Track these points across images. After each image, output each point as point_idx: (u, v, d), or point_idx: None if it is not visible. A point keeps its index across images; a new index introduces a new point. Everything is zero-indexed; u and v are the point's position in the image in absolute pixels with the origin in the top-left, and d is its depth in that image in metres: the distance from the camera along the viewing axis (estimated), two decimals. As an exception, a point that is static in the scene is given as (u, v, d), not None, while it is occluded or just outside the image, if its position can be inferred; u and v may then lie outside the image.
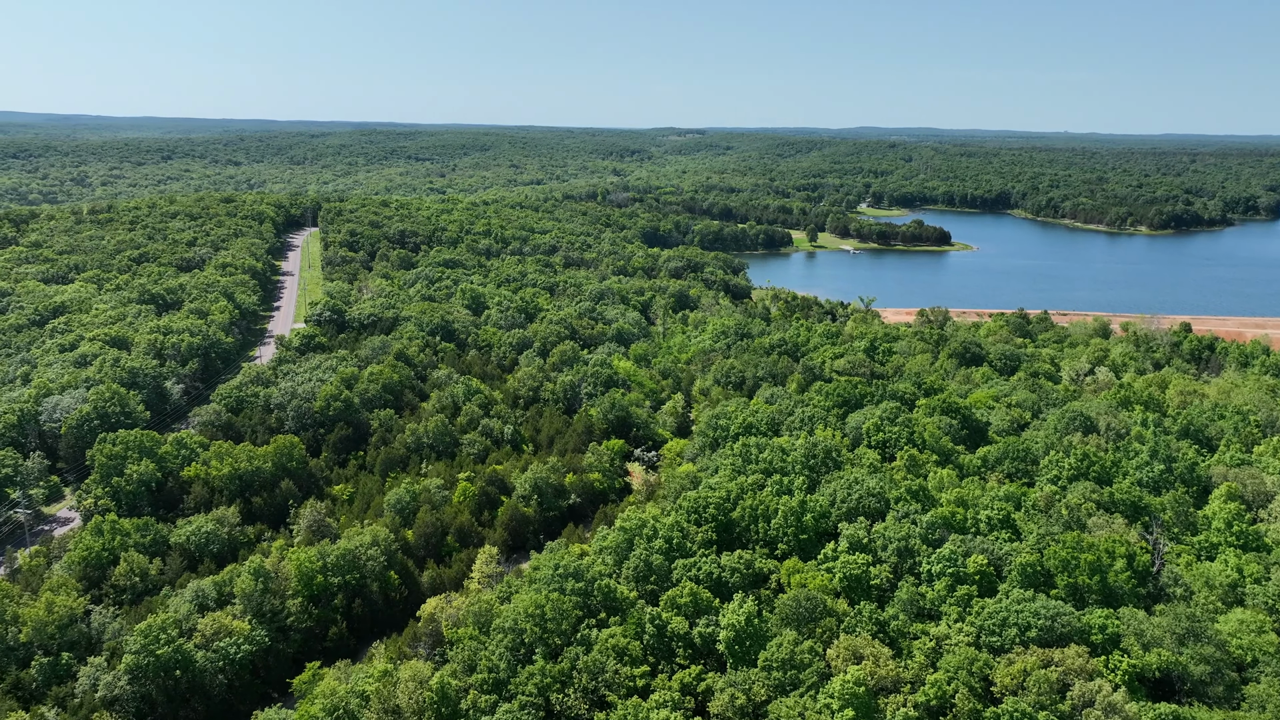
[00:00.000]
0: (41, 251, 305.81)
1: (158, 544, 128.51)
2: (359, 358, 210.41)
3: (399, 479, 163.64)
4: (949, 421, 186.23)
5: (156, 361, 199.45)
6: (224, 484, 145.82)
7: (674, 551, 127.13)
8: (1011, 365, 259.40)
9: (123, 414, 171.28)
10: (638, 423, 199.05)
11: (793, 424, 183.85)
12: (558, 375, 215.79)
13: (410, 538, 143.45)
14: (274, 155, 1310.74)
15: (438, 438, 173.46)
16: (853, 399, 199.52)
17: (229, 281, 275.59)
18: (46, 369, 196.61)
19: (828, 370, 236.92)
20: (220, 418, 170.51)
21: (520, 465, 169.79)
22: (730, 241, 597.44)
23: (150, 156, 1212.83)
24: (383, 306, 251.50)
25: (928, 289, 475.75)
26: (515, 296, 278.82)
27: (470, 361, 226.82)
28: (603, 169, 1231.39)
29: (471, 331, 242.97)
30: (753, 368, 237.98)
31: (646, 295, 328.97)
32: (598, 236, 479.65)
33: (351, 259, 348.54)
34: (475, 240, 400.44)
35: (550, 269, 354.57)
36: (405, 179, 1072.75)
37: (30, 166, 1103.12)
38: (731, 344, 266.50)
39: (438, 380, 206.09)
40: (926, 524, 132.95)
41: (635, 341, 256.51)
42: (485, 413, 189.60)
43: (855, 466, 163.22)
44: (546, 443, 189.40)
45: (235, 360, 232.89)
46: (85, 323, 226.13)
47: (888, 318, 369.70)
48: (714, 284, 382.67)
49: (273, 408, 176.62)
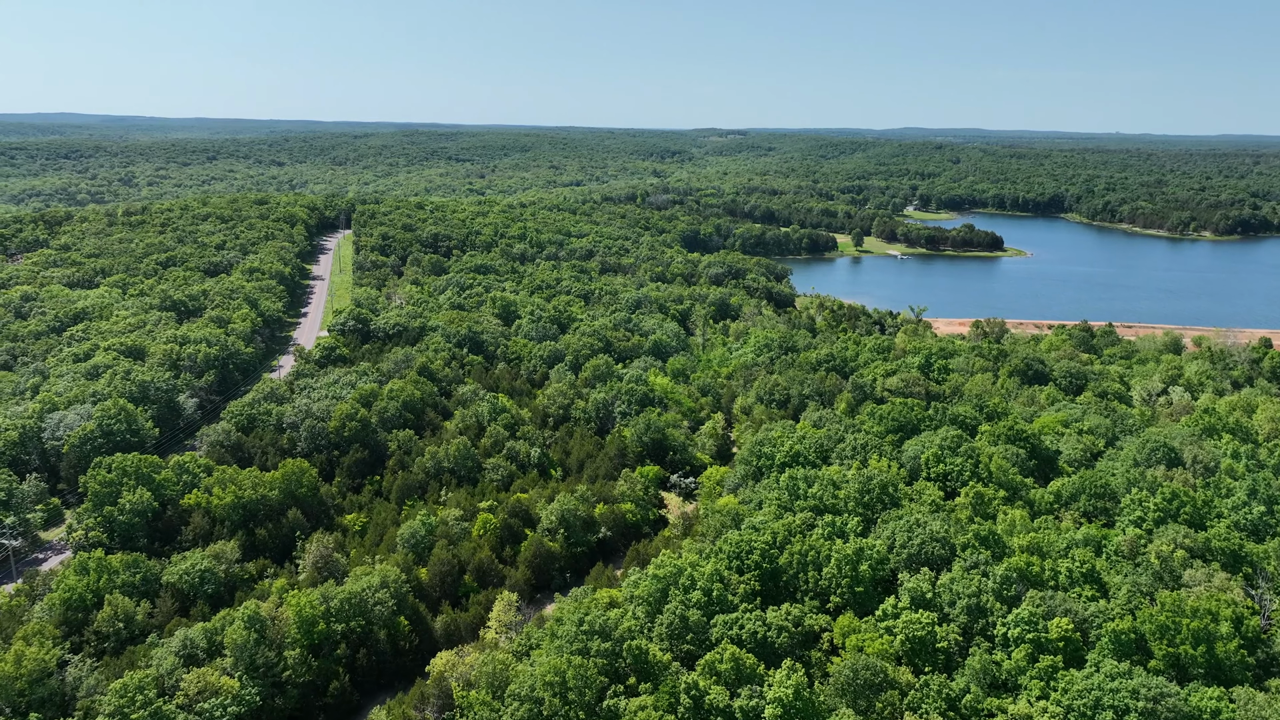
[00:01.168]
0: (70, 255, 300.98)
1: (148, 583, 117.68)
2: (381, 371, 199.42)
3: (416, 508, 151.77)
4: (1016, 451, 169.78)
5: (171, 374, 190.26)
6: (226, 514, 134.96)
7: (713, 605, 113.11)
8: (1077, 384, 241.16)
9: (129, 432, 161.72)
10: (674, 446, 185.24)
11: (843, 452, 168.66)
12: (589, 392, 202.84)
13: (424, 577, 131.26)
14: (316, 156, 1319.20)
15: (459, 462, 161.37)
16: (909, 423, 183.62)
17: (254, 287, 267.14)
18: (57, 380, 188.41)
19: (879, 389, 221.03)
20: (229, 438, 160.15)
21: (547, 494, 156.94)
22: (772, 246, 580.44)
23: (196, 157, 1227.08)
24: (409, 316, 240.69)
25: (980, 298, 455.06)
26: (548, 305, 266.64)
27: (498, 376, 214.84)
28: (643, 170, 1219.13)
29: (501, 343, 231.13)
30: (798, 385, 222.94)
31: (685, 304, 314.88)
32: (636, 240, 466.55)
33: (383, 263, 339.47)
34: (509, 244, 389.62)
35: (586, 275, 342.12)
36: (445, 180, 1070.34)
37: (81, 167, 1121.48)
38: (775, 358, 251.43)
39: (462, 397, 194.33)
40: (1000, 577, 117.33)
41: (673, 355, 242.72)
42: (511, 434, 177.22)
43: (914, 503, 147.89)
44: (576, 467, 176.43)
45: (256, 371, 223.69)
46: (103, 330, 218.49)
47: (939, 329, 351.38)
48: (756, 291, 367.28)
49: (285, 427, 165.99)
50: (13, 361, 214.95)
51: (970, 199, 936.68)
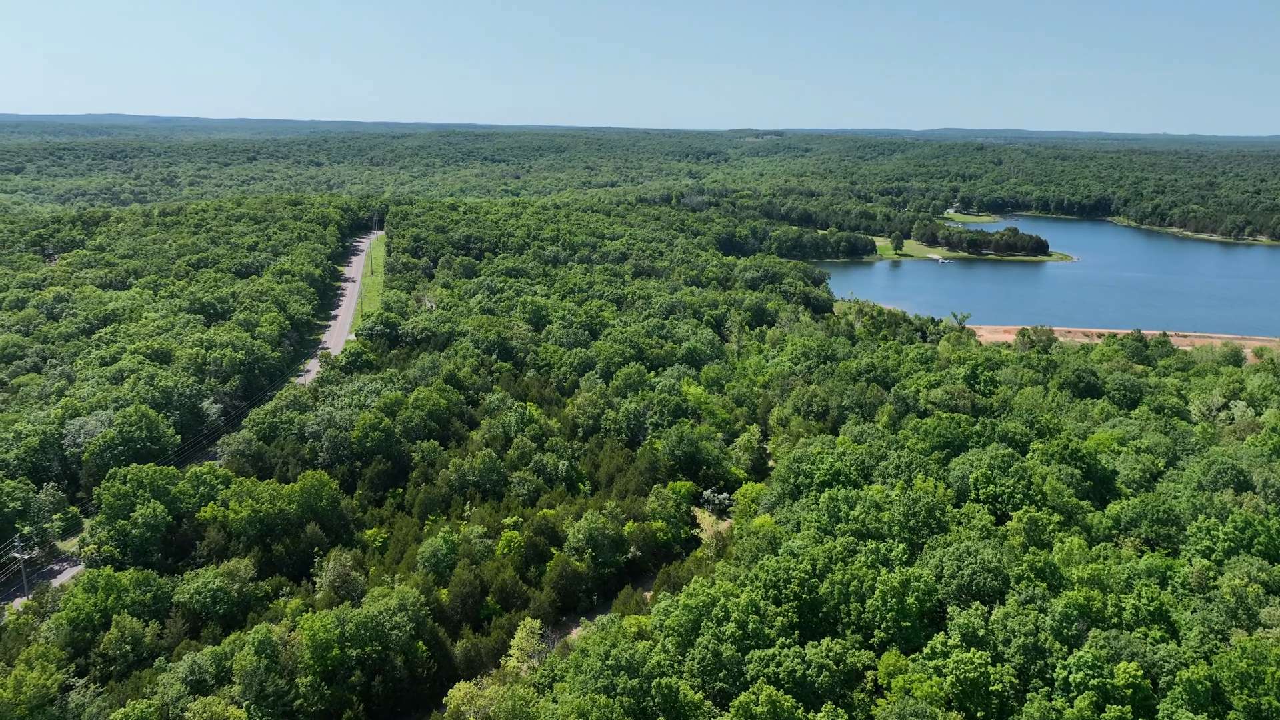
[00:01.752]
0: (104, 255, 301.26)
1: (159, 601, 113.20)
2: (407, 379, 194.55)
3: (438, 523, 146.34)
4: (1070, 471, 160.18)
5: (195, 379, 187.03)
6: (242, 528, 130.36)
7: (749, 639, 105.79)
8: (1132, 397, 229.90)
9: (150, 439, 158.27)
10: (708, 459, 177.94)
11: (886, 470, 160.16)
12: (620, 402, 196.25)
13: (444, 598, 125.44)
14: (354, 156, 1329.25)
15: (484, 475, 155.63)
16: (955, 440, 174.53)
17: (283, 289, 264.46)
18: (83, 384, 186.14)
19: (922, 401, 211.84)
20: (250, 447, 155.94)
21: (574, 510, 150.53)
22: (810, 249, 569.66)
23: (236, 157, 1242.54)
24: (438, 320, 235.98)
25: (1025, 304, 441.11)
26: (579, 310, 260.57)
27: (527, 383, 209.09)
28: (678, 170, 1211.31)
29: (531, 349, 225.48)
30: (837, 396, 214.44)
31: (720, 309, 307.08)
32: (670, 243, 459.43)
33: (414, 265, 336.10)
34: (542, 247, 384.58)
35: (619, 279, 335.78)
36: (480, 180, 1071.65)
37: (125, 167, 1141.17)
38: (813, 367, 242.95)
39: (490, 406, 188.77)
40: (1060, 615, 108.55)
41: (707, 363, 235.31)
42: (539, 446, 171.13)
43: (963, 527, 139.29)
44: (606, 481, 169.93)
45: (283, 376, 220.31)
46: (130, 333, 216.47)
47: (984, 336, 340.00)
48: (793, 296, 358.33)
49: (307, 436, 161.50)
50: (42, 364, 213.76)
51: (1013, 201, 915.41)
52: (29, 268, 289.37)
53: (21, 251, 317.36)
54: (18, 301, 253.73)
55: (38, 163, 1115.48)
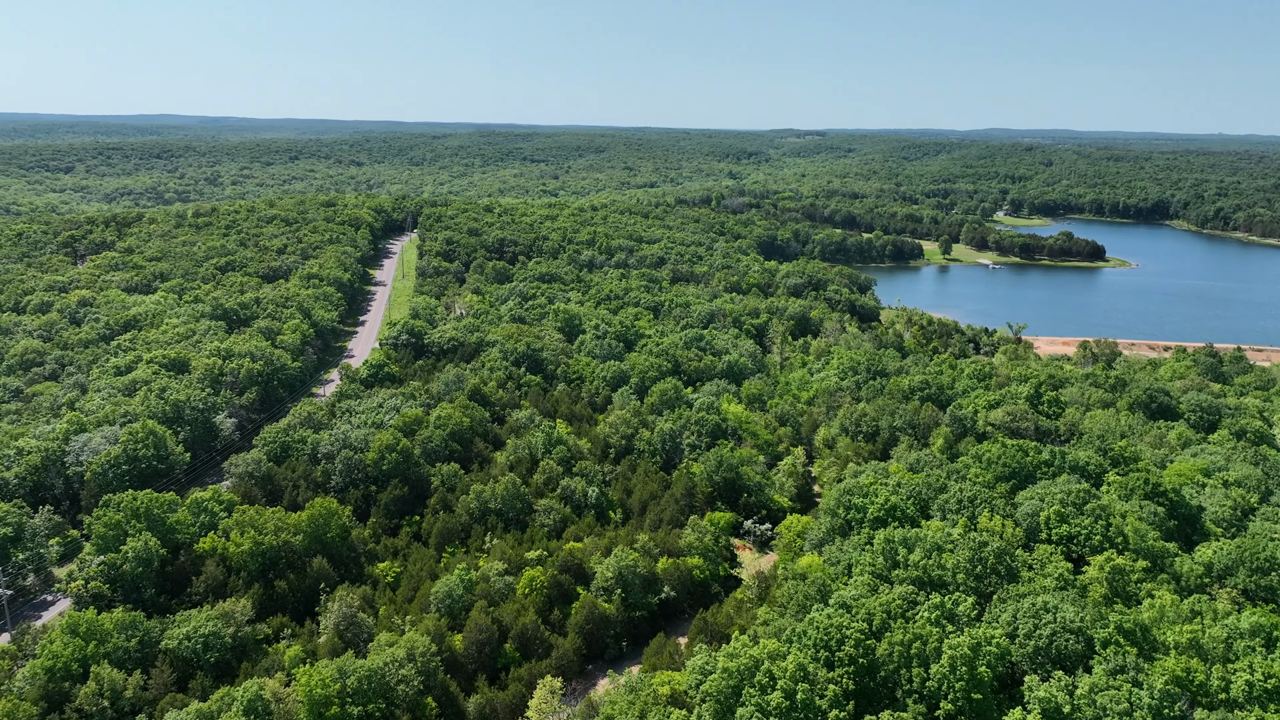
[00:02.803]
0: (132, 258, 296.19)
1: (145, 648, 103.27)
2: (430, 394, 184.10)
3: (456, 556, 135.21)
4: (1153, 509, 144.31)
5: (209, 391, 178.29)
6: (243, 562, 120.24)
7: (797, 712, 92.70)
8: (1209, 420, 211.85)
9: (156, 458, 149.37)
10: (749, 486, 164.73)
11: (947, 505, 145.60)
12: (656, 420, 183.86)
13: (458, 645, 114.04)
14: (395, 156, 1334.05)
15: (507, 503, 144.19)
16: (1022, 470, 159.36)
17: (309, 295, 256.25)
18: (95, 394, 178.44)
19: (981, 423, 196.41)
20: (259, 469, 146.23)
21: (603, 544, 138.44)
22: (854, 253, 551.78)
23: (279, 157, 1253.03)
24: (466, 330, 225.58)
25: (1082, 313, 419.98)
26: (614, 319, 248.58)
27: (558, 398, 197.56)
28: (718, 171, 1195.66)
29: (562, 362, 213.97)
30: (888, 416, 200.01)
31: (762, 318, 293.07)
32: (709, 247, 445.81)
33: (445, 270, 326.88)
34: (577, 251, 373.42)
35: (656, 285, 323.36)
36: (519, 181, 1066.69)
37: (171, 166, 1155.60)
38: (862, 382, 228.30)
39: (517, 424, 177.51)
40: (1160, 693, 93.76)
41: (748, 378, 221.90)
42: (567, 470, 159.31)
43: (1036, 574, 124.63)
44: (638, 509, 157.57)
45: (304, 386, 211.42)
46: (149, 341, 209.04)
47: (1041, 349, 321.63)
48: (838, 304, 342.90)
49: (320, 457, 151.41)
50: (60, 371, 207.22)
51: (1065, 204, 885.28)
52: (57, 270, 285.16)
53: (53, 253, 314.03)
54: (42, 305, 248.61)
55: (87, 162, 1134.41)
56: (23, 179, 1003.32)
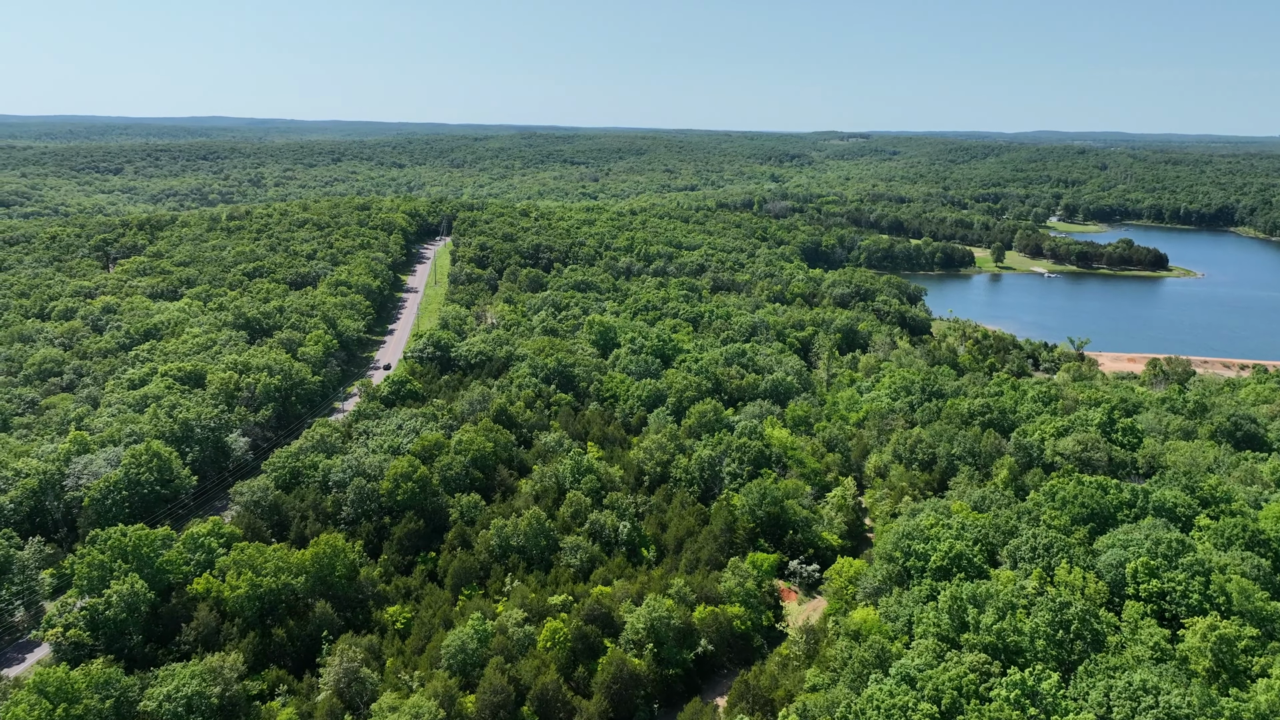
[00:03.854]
0: (160, 263, 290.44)
1: (121, 709, 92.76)
2: (453, 414, 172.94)
3: (473, 599, 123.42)
4: (1257, 562, 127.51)
5: (223, 407, 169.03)
6: (239, 607, 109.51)
7: (855, 817, 79.12)
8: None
9: (159, 482, 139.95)
10: (795, 522, 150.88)
11: (1018, 551, 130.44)
12: (694, 445, 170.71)
13: (470, 708, 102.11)
14: (436, 158, 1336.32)
15: (530, 540, 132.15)
16: (1101, 511, 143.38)
17: (336, 303, 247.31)
18: (105, 409, 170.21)
19: (1049, 452, 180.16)
20: (266, 497, 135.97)
21: (634, 589, 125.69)
22: (902, 260, 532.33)
23: (322, 158, 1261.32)
24: (494, 343, 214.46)
25: (1147, 327, 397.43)
26: (651, 332, 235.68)
27: (589, 419, 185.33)
28: (760, 174, 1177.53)
29: (595, 379, 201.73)
30: (946, 442, 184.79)
31: (807, 330, 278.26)
32: (751, 254, 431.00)
33: (478, 276, 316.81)
34: (614, 257, 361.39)
35: (695, 294, 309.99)
36: (558, 183, 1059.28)
37: (216, 168, 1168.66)
38: (915, 403, 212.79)
39: (545, 447, 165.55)
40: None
41: (794, 398, 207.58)
42: (596, 502, 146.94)
43: (1127, 640, 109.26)
44: (674, 546, 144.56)
45: (325, 401, 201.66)
46: (166, 352, 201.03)
47: (1105, 366, 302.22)
48: (887, 316, 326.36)
49: (331, 485, 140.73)
50: (76, 381, 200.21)
51: (1122, 209, 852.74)
52: (85, 275, 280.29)
53: (84, 257, 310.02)
54: (66, 311, 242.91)
55: (135, 164, 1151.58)
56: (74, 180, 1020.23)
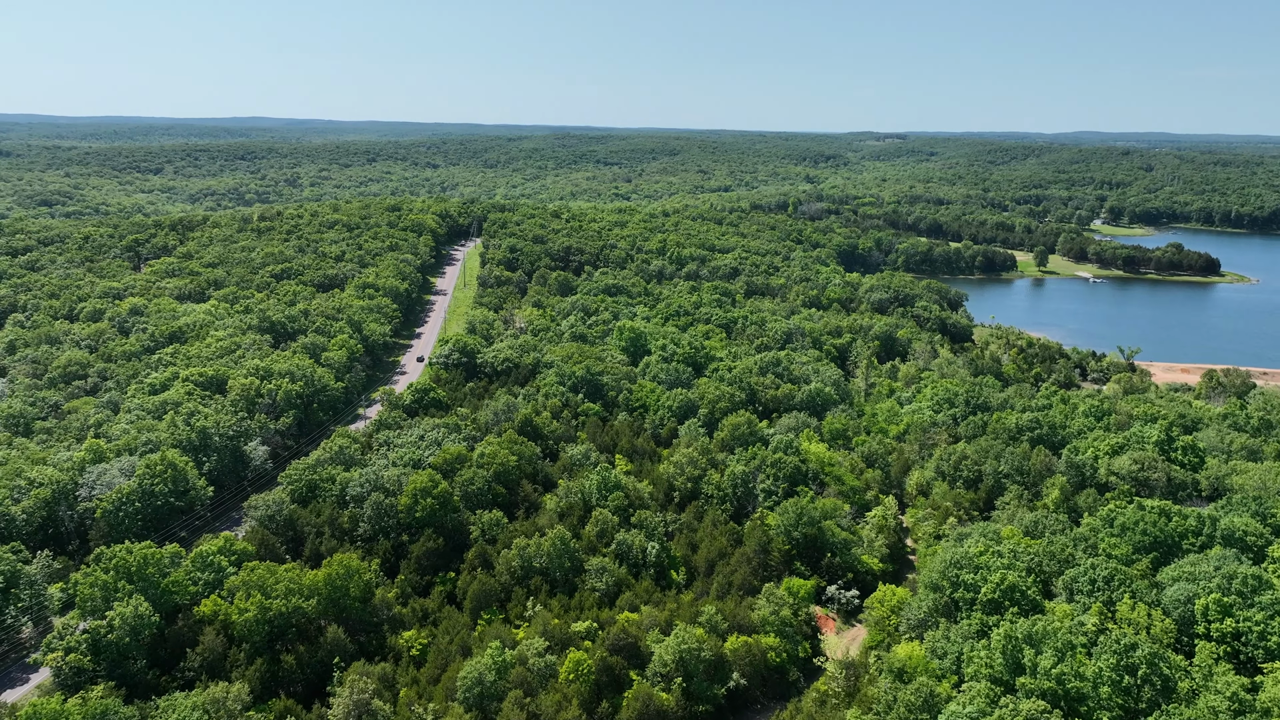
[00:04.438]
0: (189, 264, 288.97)
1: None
2: (477, 424, 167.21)
3: (493, 624, 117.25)
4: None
5: (243, 414, 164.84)
6: (248, 631, 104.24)
7: None
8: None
9: (174, 494, 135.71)
10: (833, 544, 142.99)
11: (1075, 583, 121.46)
12: (726, 460, 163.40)
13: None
14: (470, 158, 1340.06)
15: (554, 561, 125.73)
16: (1165, 540, 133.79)
17: (362, 306, 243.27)
18: (124, 415, 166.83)
19: (1103, 472, 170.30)
20: (281, 512, 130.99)
21: (663, 617, 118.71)
22: (941, 264, 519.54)
23: (357, 159, 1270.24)
24: (521, 349, 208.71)
25: (1199, 335, 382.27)
26: (683, 338, 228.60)
27: (618, 430, 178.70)
28: (794, 175, 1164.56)
29: (624, 388, 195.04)
30: (992, 459, 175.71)
31: (844, 338, 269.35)
32: (786, 257, 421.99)
33: (507, 279, 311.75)
34: (646, 260, 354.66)
35: (729, 299, 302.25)
36: (591, 184, 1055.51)
37: (253, 168, 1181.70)
38: (959, 416, 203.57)
39: (571, 460, 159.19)
40: None
41: (831, 410, 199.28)
42: (624, 520, 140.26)
43: (1200, 688, 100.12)
44: (705, 568, 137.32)
45: (349, 407, 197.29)
46: (189, 356, 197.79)
47: (1157, 376, 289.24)
48: (927, 322, 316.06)
49: (349, 500, 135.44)
50: (100, 385, 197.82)
51: (1169, 212, 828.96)
52: (114, 275, 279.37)
53: (116, 257, 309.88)
54: (94, 313, 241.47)
55: (175, 163, 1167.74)
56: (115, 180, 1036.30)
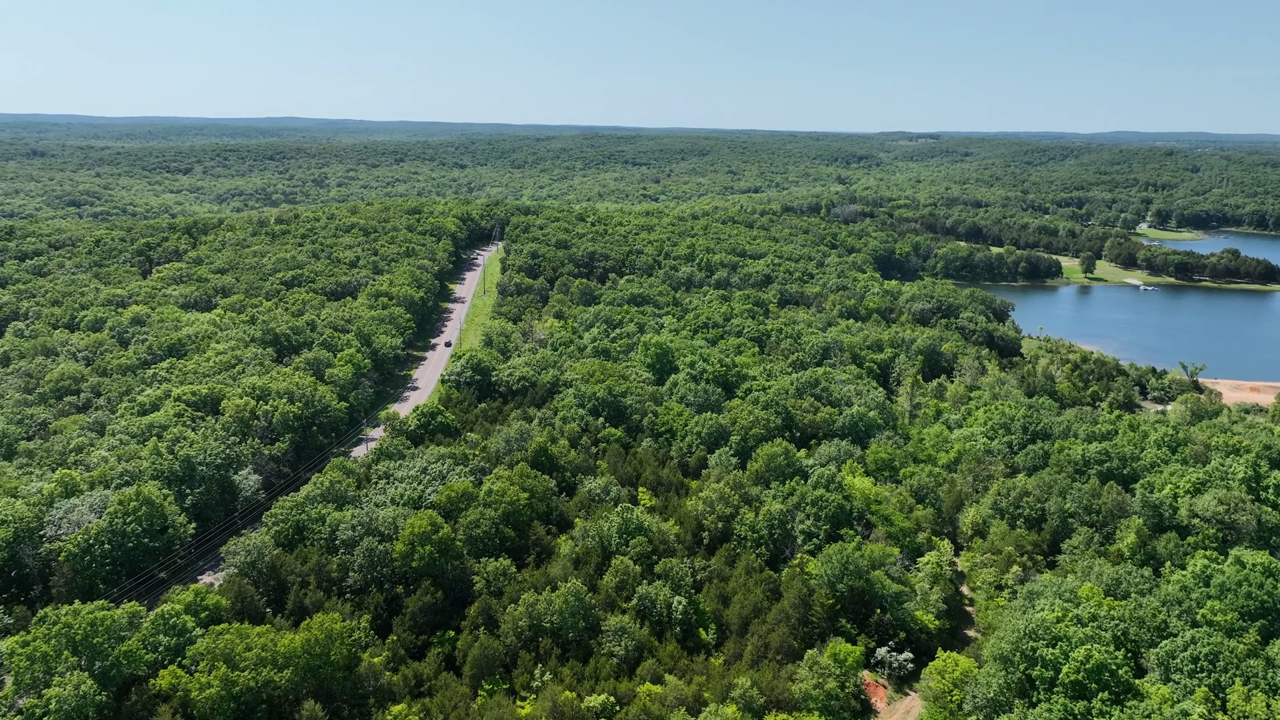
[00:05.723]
0: (198, 270, 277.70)
1: None
2: (487, 453, 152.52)
3: (495, 695, 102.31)
4: None
5: (235, 439, 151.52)
6: (210, 710, 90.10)
7: None
8: None
9: (147, 534, 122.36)
10: (883, 599, 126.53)
11: (1173, 659, 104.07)
12: (762, 497, 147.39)
13: None
14: (497, 159, 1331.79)
15: (567, 620, 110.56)
16: (1271, 604, 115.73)
17: (373, 316, 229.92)
18: (108, 438, 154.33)
19: (1183, 513, 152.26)
20: (263, 558, 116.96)
21: (691, 691, 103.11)
22: (982, 269, 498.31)
23: (385, 159, 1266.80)
24: (539, 366, 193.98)
25: (1261, 349, 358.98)
26: (713, 354, 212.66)
27: (642, 458, 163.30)
28: (826, 176, 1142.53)
29: (649, 410, 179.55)
30: (1056, 496, 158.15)
31: (885, 352, 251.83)
32: (820, 263, 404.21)
33: (529, 287, 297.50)
34: (674, 267, 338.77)
35: (761, 309, 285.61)
36: (619, 184, 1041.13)
37: (282, 168, 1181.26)
38: (1016, 444, 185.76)
39: (589, 496, 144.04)
40: None
41: (875, 435, 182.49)
42: (647, 569, 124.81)
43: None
44: (738, 626, 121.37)
45: (355, 428, 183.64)
46: (186, 371, 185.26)
47: (1225, 396, 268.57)
48: (973, 335, 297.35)
49: (339, 545, 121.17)
50: (94, 400, 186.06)
51: (1219, 216, 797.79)
52: (120, 282, 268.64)
53: (125, 262, 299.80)
54: (95, 322, 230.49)
55: (204, 164, 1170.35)
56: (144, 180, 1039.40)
